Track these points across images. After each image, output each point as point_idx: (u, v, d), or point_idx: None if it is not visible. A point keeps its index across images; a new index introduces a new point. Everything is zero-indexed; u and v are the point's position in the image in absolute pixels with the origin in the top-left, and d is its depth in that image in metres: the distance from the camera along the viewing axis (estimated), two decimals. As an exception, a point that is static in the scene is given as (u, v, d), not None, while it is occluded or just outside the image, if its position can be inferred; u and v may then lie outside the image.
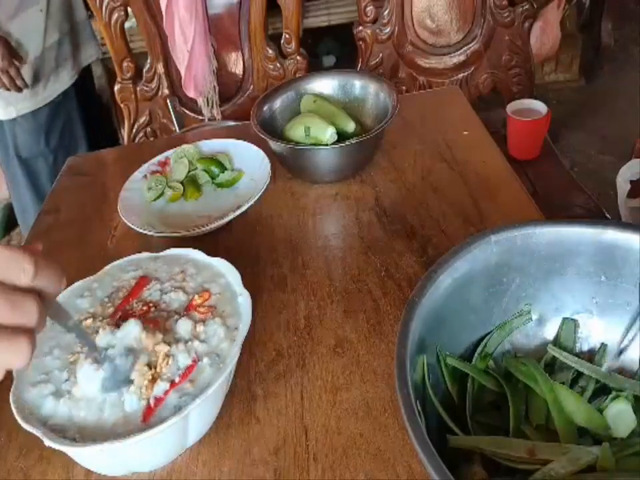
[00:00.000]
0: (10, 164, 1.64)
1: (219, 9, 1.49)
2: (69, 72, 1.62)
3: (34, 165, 1.61)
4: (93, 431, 0.54)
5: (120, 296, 0.67)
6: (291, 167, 0.96)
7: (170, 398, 0.56)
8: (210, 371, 0.58)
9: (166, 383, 0.56)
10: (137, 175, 0.97)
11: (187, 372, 0.57)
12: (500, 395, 0.54)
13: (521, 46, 1.58)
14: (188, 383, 0.57)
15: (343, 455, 0.58)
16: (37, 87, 1.54)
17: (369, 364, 0.66)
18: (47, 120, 1.59)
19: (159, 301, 0.66)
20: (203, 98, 1.51)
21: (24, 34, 1.49)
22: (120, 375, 0.56)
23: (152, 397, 0.55)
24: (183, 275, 0.69)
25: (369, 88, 1.01)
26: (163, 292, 0.67)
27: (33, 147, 1.60)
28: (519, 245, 0.56)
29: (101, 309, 0.66)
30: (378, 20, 1.55)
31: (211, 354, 0.59)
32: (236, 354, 0.59)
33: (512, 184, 0.89)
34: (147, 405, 0.55)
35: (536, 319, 0.58)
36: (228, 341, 0.61)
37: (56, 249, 0.93)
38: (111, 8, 1.45)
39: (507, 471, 0.48)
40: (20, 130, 1.57)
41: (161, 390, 0.56)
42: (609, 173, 1.54)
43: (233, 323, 0.62)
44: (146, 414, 0.55)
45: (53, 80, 1.58)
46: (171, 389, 0.56)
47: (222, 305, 0.65)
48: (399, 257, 0.79)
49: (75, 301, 0.68)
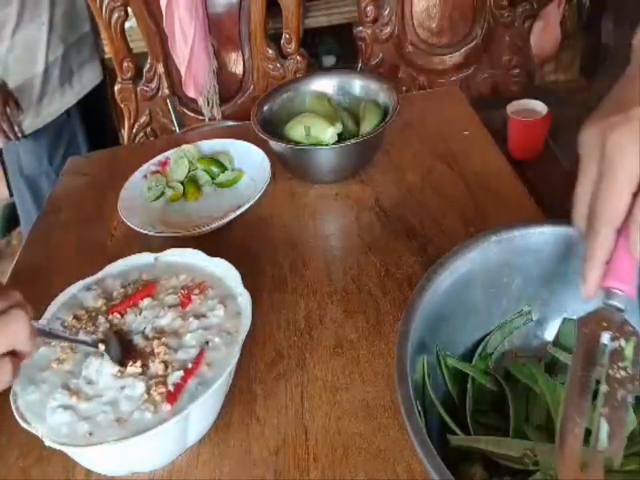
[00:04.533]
0: (14, 178, 1.63)
1: (219, 9, 1.49)
2: (74, 89, 1.58)
3: (37, 181, 1.59)
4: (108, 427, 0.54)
5: (118, 299, 0.68)
6: (291, 167, 0.96)
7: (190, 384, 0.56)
8: (225, 350, 0.59)
9: (179, 372, 0.57)
10: (136, 175, 0.97)
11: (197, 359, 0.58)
12: (500, 395, 0.54)
13: (521, 46, 1.58)
14: (205, 366, 0.58)
15: (343, 455, 0.58)
16: (41, 105, 1.51)
17: (369, 364, 0.66)
18: (50, 141, 1.56)
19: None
20: (203, 98, 1.51)
21: (26, 50, 1.45)
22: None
23: (170, 384, 0.56)
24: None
25: (368, 88, 1.01)
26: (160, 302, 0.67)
27: (36, 167, 1.57)
28: (518, 244, 0.56)
29: (100, 307, 0.66)
30: (378, 20, 1.55)
31: (221, 332, 0.61)
32: (236, 354, 0.59)
33: (512, 184, 0.89)
34: (166, 391, 0.56)
35: (536, 319, 0.58)
36: (231, 320, 0.62)
37: (56, 249, 0.93)
38: (111, 8, 1.45)
39: (507, 471, 0.48)
40: (23, 150, 1.55)
41: (176, 377, 0.56)
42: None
43: (233, 324, 0.62)
44: (169, 399, 0.55)
45: (58, 97, 1.54)
46: (188, 377, 0.57)
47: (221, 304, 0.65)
48: (398, 257, 0.79)
49: (75, 299, 0.68)
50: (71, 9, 1.55)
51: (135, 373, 0.57)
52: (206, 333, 0.61)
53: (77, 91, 1.58)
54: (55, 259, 0.90)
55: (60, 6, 1.50)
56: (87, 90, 1.61)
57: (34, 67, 1.47)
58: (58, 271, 0.87)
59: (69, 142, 1.59)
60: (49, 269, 0.88)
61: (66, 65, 1.55)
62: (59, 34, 1.51)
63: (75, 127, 1.61)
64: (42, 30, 1.47)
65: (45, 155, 1.56)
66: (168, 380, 0.56)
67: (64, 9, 1.52)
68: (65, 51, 1.54)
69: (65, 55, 1.54)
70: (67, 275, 0.73)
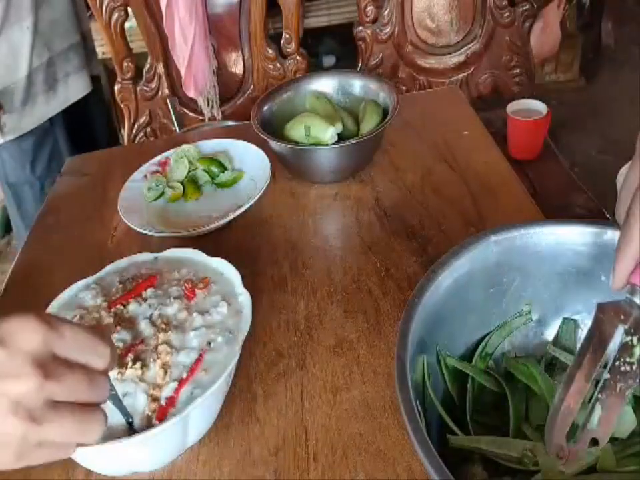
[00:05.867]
0: (2, 186, 1.61)
1: (219, 9, 1.49)
2: (59, 98, 1.53)
3: (20, 191, 1.57)
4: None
5: (118, 294, 0.67)
6: (291, 167, 0.96)
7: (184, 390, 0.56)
8: (226, 349, 0.59)
9: (174, 384, 0.57)
10: (136, 175, 0.97)
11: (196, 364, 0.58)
12: (500, 395, 0.54)
13: (521, 46, 1.58)
14: (202, 372, 0.58)
15: (343, 455, 0.58)
16: (24, 110, 1.47)
17: (369, 364, 0.66)
18: (33, 148, 1.53)
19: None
20: (203, 98, 1.51)
21: (9, 52, 1.41)
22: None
23: (162, 398, 0.56)
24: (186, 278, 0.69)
25: (368, 88, 1.01)
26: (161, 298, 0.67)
27: (19, 173, 1.55)
28: (518, 245, 0.56)
29: (100, 305, 0.66)
30: (378, 20, 1.55)
31: (224, 331, 0.61)
32: (236, 354, 0.59)
33: (512, 184, 0.89)
34: (158, 406, 0.55)
35: (536, 319, 0.58)
36: (233, 319, 0.62)
37: (56, 249, 0.93)
38: (111, 8, 1.45)
39: (507, 471, 0.48)
40: (7, 155, 1.52)
41: (171, 389, 0.56)
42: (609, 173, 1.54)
43: (234, 322, 0.62)
44: (159, 415, 0.55)
45: (40, 104, 1.50)
46: (181, 387, 0.56)
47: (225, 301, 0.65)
48: (398, 257, 0.79)
49: (74, 298, 0.68)
50: (60, 16, 1.51)
51: (134, 376, 0.57)
52: (209, 332, 0.61)
53: (61, 100, 1.54)
54: (55, 259, 0.90)
55: (46, 11, 1.46)
56: (73, 100, 1.57)
57: (17, 72, 1.44)
58: (58, 271, 0.86)
59: (51, 150, 1.56)
60: (49, 269, 0.88)
61: (50, 72, 1.51)
62: (44, 41, 1.47)
63: (58, 136, 1.58)
64: (26, 34, 1.43)
65: (28, 161, 1.54)
66: (162, 393, 0.56)
67: (52, 16, 1.48)
68: (50, 58, 1.50)
69: (49, 62, 1.50)
70: (67, 275, 0.73)
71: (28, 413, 0.39)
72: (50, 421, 0.41)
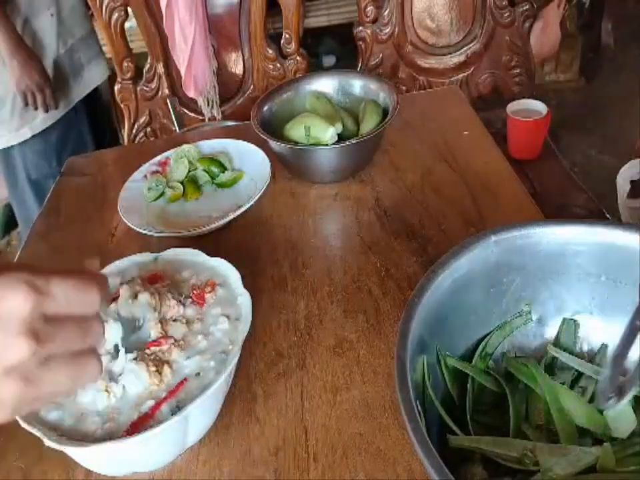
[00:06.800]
0: (18, 187, 1.61)
1: (219, 9, 1.49)
2: (81, 84, 1.60)
3: (43, 185, 1.58)
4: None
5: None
6: (291, 167, 0.96)
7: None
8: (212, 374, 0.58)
9: (151, 402, 0.56)
10: (136, 175, 0.97)
11: (176, 388, 0.57)
12: (500, 395, 0.54)
13: (521, 46, 1.58)
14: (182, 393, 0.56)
15: (343, 455, 0.58)
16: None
17: (369, 364, 0.66)
18: (59, 139, 1.57)
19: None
20: (203, 98, 1.51)
21: (38, 40, 1.48)
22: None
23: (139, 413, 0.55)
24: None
25: (368, 88, 1.01)
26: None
27: (44, 168, 1.57)
28: (518, 244, 0.56)
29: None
30: (378, 20, 1.55)
31: (217, 354, 0.59)
32: (236, 354, 0.59)
33: (512, 184, 0.89)
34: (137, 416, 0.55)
35: (536, 319, 0.58)
36: (233, 333, 0.61)
37: (56, 249, 0.93)
38: (111, 8, 1.45)
39: (507, 471, 0.48)
40: (30, 151, 1.55)
41: (147, 407, 0.55)
42: (609, 173, 1.54)
43: (231, 338, 0.62)
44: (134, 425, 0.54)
45: (67, 91, 1.56)
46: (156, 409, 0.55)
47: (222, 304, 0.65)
48: (398, 257, 0.79)
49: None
50: (77, 3, 1.59)
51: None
52: (201, 360, 0.59)
53: (85, 85, 1.61)
54: (55, 259, 0.90)
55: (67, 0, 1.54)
56: (94, 85, 1.65)
57: (44, 59, 1.49)
58: (58, 271, 0.86)
59: (76, 140, 1.61)
60: (48, 269, 0.88)
61: (76, 58, 1.58)
62: (68, 27, 1.55)
63: (82, 124, 1.63)
64: (52, 21, 1.50)
65: (54, 155, 1.57)
66: (141, 407, 0.55)
67: (71, 3, 1.56)
68: (74, 45, 1.57)
69: (74, 49, 1.57)
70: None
71: (23, 375, 0.40)
72: (45, 379, 0.41)
